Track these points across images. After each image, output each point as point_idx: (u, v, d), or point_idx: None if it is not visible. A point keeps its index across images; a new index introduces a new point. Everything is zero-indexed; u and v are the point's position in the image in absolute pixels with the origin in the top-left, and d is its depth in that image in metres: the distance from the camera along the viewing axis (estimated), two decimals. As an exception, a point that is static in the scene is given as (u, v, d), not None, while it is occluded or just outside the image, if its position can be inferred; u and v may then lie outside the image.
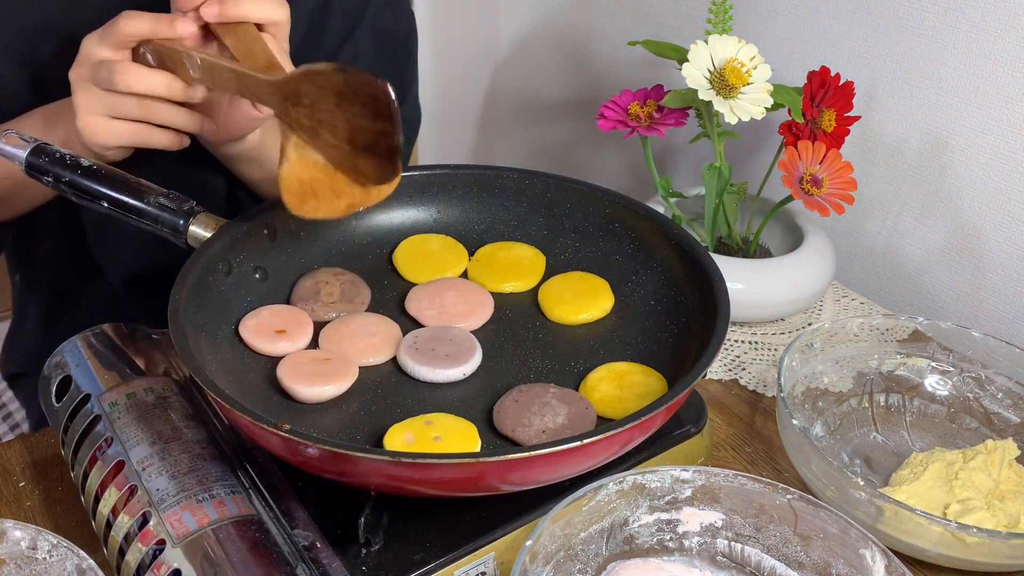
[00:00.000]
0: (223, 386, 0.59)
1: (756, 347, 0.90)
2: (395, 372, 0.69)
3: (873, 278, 1.07)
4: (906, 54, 0.97)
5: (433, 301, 0.74)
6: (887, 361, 0.81)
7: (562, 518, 0.57)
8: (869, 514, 0.65)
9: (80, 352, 0.71)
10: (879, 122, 1.01)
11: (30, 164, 0.70)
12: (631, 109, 0.89)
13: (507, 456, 0.54)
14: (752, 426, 0.81)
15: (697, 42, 0.84)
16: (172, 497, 0.59)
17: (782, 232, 0.97)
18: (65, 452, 0.68)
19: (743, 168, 1.16)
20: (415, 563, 0.58)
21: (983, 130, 0.92)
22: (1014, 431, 0.76)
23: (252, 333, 0.69)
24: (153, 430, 0.64)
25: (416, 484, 0.55)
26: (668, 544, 0.61)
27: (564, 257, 0.80)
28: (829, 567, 0.58)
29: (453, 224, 0.81)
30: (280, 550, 0.58)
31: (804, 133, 0.87)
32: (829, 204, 0.83)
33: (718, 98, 0.82)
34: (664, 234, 0.75)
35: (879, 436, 0.78)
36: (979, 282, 0.97)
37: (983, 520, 0.67)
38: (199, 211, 0.71)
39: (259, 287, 0.73)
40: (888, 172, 1.02)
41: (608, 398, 0.66)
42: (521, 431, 0.62)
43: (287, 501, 0.61)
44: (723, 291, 0.67)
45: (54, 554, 0.56)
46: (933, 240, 1.00)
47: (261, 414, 0.55)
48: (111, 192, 0.70)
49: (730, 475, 0.60)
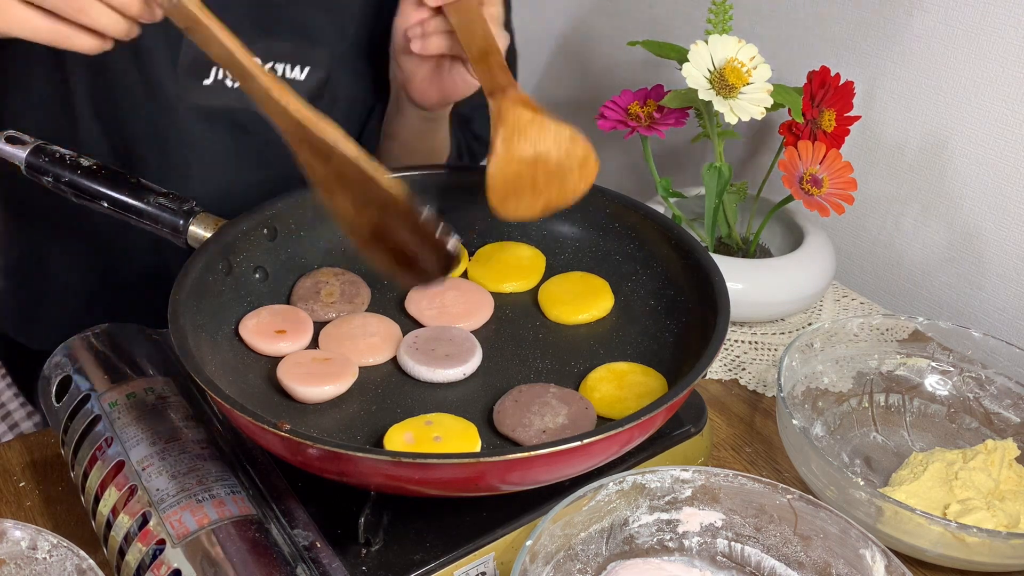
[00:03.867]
0: (223, 386, 0.59)
1: (756, 347, 0.90)
2: (395, 372, 0.69)
3: (873, 278, 1.07)
4: (906, 54, 0.97)
5: (433, 301, 0.74)
6: (887, 361, 0.81)
7: (562, 518, 0.57)
8: (869, 514, 0.65)
9: (80, 352, 0.71)
10: (879, 122, 1.01)
11: (29, 164, 0.70)
12: (631, 109, 0.89)
13: (507, 456, 0.54)
14: (752, 426, 0.81)
15: (697, 42, 0.84)
16: (172, 497, 0.59)
17: (782, 232, 0.97)
18: (65, 452, 0.68)
19: (743, 168, 1.16)
20: (415, 563, 0.58)
21: (983, 130, 0.92)
22: (1014, 431, 0.76)
23: (252, 333, 0.69)
24: (153, 430, 0.64)
25: (416, 484, 0.55)
26: (668, 544, 0.61)
27: (564, 257, 0.80)
28: (829, 567, 0.58)
29: (453, 224, 0.81)
30: (280, 550, 0.58)
31: (804, 133, 0.87)
32: (829, 204, 0.83)
33: (718, 98, 0.82)
34: (664, 234, 0.75)
35: (879, 436, 0.78)
36: (979, 282, 0.97)
37: (983, 520, 0.67)
38: (199, 211, 0.71)
39: (259, 287, 0.73)
40: (888, 172, 1.02)
41: (608, 398, 0.66)
42: (521, 431, 0.62)
43: (287, 501, 0.61)
44: (723, 291, 0.67)
45: (54, 554, 0.56)
46: (933, 240, 1.00)
47: (261, 414, 0.55)
48: (111, 192, 0.70)
49: (730, 475, 0.60)
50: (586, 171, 0.71)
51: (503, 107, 0.69)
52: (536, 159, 0.69)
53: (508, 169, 0.69)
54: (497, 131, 0.69)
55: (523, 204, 0.71)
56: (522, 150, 0.68)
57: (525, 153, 0.68)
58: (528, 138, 0.69)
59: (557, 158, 0.70)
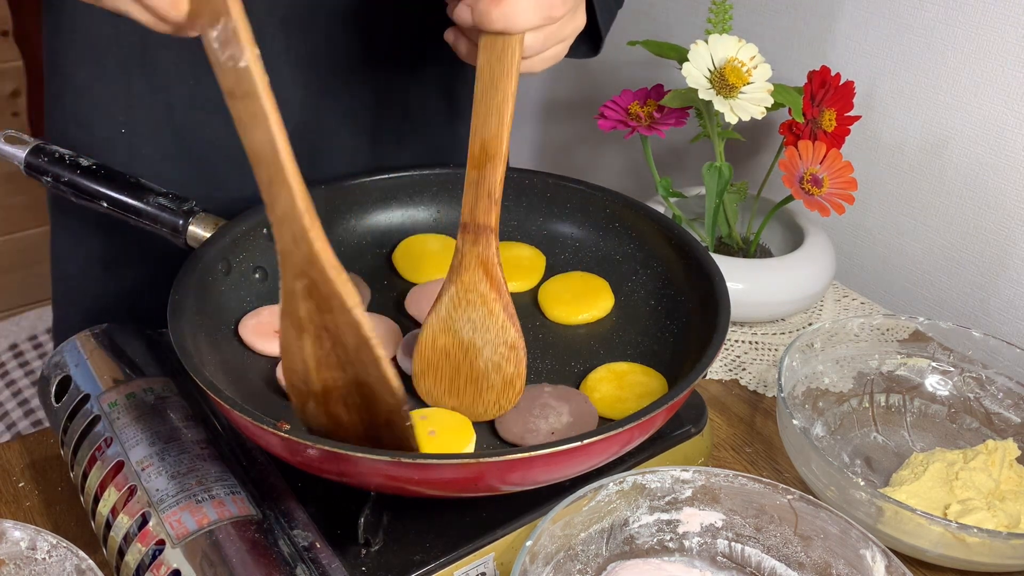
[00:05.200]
0: (223, 386, 0.58)
1: (756, 347, 0.90)
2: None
3: (873, 278, 1.07)
4: (906, 54, 0.97)
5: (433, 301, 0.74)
6: (887, 361, 0.81)
7: (562, 518, 0.57)
8: (869, 514, 0.65)
9: (79, 352, 0.71)
10: (879, 122, 1.01)
11: (29, 164, 0.70)
12: (631, 109, 0.89)
13: (507, 456, 0.53)
14: (752, 426, 0.81)
15: (697, 42, 0.84)
16: (172, 497, 0.59)
17: (782, 232, 0.97)
18: (64, 452, 0.68)
19: (743, 168, 1.16)
20: (415, 563, 0.58)
21: (983, 130, 0.92)
22: (1014, 431, 0.76)
23: (252, 333, 0.69)
24: (153, 430, 0.64)
25: (416, 484, 0.55)
26: (668, 544, 0.61)
27: (564, 257, 0.80)
28: (829, 567, 0.58)
29: (453, 224, 0.81)
30: (280, 550, 0.58)
31: (804, 133, 0.87)
32: (829, 204, 0.83)
33: (718, 98, 0.82)
34: (664, 234, 0.75)
35: (879, 436, 0.78)
36: (979, 282, 0.97)
37: (983, 520, 0.67)
38: (198, 211, 0.70)
39: (259, 287, 0.73)
40: (888, 172, 1.02)
41: (608, 398, 0.66)
42: (531, 438, 0.62)
43: (287, 501, 0.61)
44: (723, 291, 0.67)
45: (53, 554, 0.56)
46: (933, 240, 1.00)
47: (261, 414, 0.55)
48: (111, 192, 0.70)
49: (730, 475, 0.60)
50: (505, 398, 0.63)
51: (466, 257, 0.61)
52: (468, 349, 0.62)
53: (439, 340, 0.62)
54: (449, 287, 0.61)
55: (436, 391, 0.64)
56: (461, 327, 0.61)
57: (463, 333, 0.61)
58: (470, 318, 0.61)
59: (484, 364, 0.62)
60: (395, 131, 0.89)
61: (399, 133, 0.89)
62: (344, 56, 0.82)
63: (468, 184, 0.61)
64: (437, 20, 0.78)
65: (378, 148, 0.88)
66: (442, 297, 0.62)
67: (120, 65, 0.79)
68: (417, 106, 0.89)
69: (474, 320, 0.62)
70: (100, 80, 0.80)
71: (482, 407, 0.64)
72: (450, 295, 0.62)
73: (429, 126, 0.91)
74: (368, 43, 0.83)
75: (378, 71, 0.85)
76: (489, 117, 0.58)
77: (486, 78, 0.57)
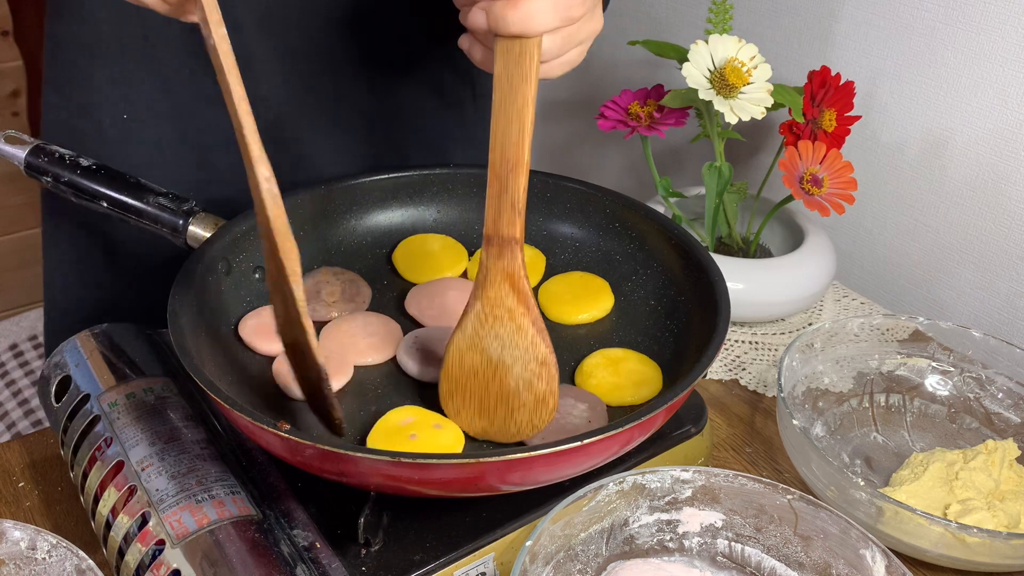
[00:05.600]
0: (223, 386, 0.58)
1: (756, 347, 0.90)
2: (395, 372, 0.69)
3: (873, 278, 1.07)
4: (906, 54, 0.97)
5: (433, 301, 0.74)
6: (887, 361, 0.81)
7: (562, 518, 0.57)
8: (869, 514, 0.65)
9: (79, 352, 0.71)
10: (879, 122, 1.01)
11: (29, 164, 0.70)
12: (631, 109, 0.89)
13: (507, 456, 0.53)
14: (752, 426, 0.81)
15: (697, 42, 0.84)
16: (171, 497, 0.59)
17: (782, 232, 0.97)
18: (64, 452, 0.68)
19: (743, 168, 1.16)
20: (415, 563, 0.58)
21: (983, 130, 0.92)
22: (1014, 431, 0.76)
23: (252, 333, 0.69)
24: (152, 430, 0.64)
25: (416, 484, 0.55)
26: (668, 544, 0.61)
27: (564, 257, 0.80)
28: (829, 567, 0.58)
29: (453, 224, 0.81)
30: (280, 550, 0.58)
31: (804, 133, 0.87)
32: (829, 204, 0.83)
33: (718, 98, 0.82)
34: (664, 234, 0.75)
35: (879, 436, 0.78)
36: (979, 282, 0.97)
37: (983, 520, 0.67)
38: (198, 211, 0.70)
39: (259, 287, 0.73)
40: (888, 172, 1.02)
41: (604, 385, 0.66)
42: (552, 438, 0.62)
43: (287, 501, 0.61)
44: (723, 291, 0.67)
45: (53, 554, 0.56)
46: (933, 240, 1.00)
47: (261, 414, 0.55)
48: (110, 192, 0.70)
49: (730, 475, 0.60)
50: (538, 417, 0.61)
51: (491, 272, 0.59)
52: (497, 367, 0.60)
53: (465, 359, 0.60)
54: (474, 303, 0.59)
55: (464, 413, 0.62)
56: (488, 344, 0.59)
57: (491, 351, 0.59)
58: (498, 334, 0.59)
59: (515, 382, 0.60)
60: (384, 129, 0.89)
61: (387, 131, 0.89)
62: (327, 54, 0.83)
63: (490, 195, 0.58)
64: (425, 19, 0.78)
65: (365, 146, 0.88)
66: (467, 314, 0.60)
67: (121, 52, 0.79)
68: (407, 105, 0.89)
69: (502, 336, 0.59)
70: (101, 68, 0.80)
71: (515, 427, 0.61)
72: (476, 311, 0.59)
73: (419, 124, 0.91)
74: (350, 42, 0.83)
75: (364, 69, 0.85)
76: (510, 125, 0.56)
77: (504, 84, 0.55)
